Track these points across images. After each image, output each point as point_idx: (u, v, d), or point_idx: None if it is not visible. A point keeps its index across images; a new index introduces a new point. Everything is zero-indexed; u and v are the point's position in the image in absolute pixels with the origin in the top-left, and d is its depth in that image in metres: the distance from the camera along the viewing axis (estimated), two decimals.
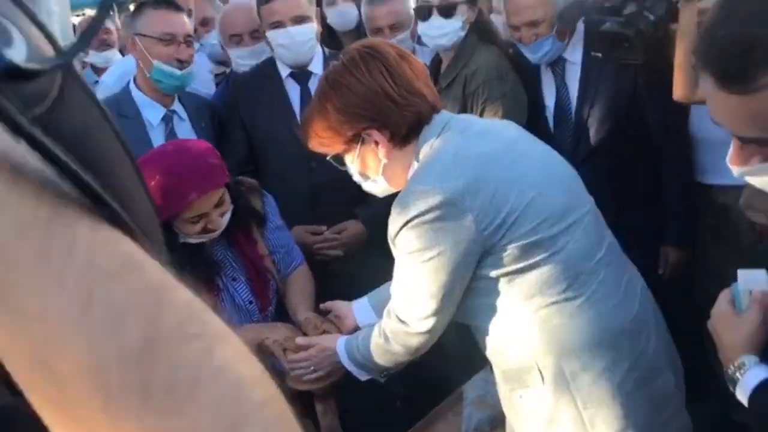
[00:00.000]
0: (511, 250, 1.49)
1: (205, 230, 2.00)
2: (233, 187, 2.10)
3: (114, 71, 3.54)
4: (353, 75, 1.58)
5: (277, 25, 2.53)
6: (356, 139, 1.62)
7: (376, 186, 1.71)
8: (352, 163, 1.68)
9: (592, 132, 2.45)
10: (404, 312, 1.61)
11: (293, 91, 2.64)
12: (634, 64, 2.27)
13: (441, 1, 2.51)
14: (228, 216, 2.05)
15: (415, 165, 1.61)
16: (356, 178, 1.73)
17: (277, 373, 2.05)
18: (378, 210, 1.99)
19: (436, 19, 2.51)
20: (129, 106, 2.49)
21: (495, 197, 1.48)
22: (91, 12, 12.43)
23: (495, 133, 1.61)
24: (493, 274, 1.53)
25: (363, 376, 1.83)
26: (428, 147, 1.58)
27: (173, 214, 1.94)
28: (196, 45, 3.03)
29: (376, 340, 1.70)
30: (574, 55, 2.46)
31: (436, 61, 2.64)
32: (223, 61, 3.16)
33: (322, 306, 2.16)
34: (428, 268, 1.51)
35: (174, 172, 1.92)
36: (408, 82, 1.58)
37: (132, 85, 2.54)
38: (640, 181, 2.48)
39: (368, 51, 1.60)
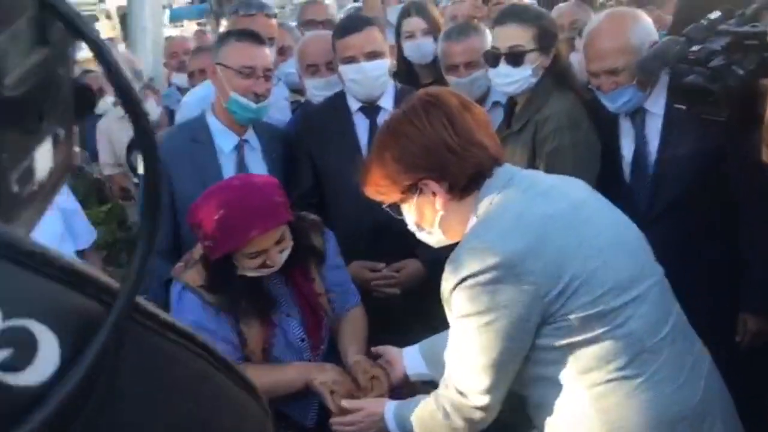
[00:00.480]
0: (571, 320, 1.41)
1: (263, 266, 1.99)
2: (295, 223, 2.08)
3: (197, 93, 3.61)
4: (413, 124, 1.53)
5: (351, 60, 2.52)
6: (413, 189, 1.56)
7: (432, 237, 1.64)
8: (409, 213, 1.63)
9: (670, 187, 2.32)
10: (462, 383, 1.53)
11: (361, 125, 2.62)
12: (719, 121, 2.14)
13: (509, 49, 2.43)
14: (287, 253, 2.03)
15: (474, 220, 1.54)
16: (411, 227, 1.67)
17: (326, 413, 2.01)
18: (440, 252, 1.93)
19: (503, 67, 2.44)
20: (203, 133, 2.53)
21: (557, 262, 1.40)
22: (190, 24, 12.90)
23: (561, 193, 1.53)
24: (551, 344, 1.44)
25: None
26: (488, 202, 1.51)
27: (234, 249, 1.94)
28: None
29: (434, 413, 1.60)
30: (656, 105, 2.34)
31: (511, 103, 2.57)
32: (298, 90, 3.17)
33: (373, 350, 2.11)
34: (484, 333, 1.44)
35: (238, 207, 1.92)
36: (469, 132, 1.52)
37: (209, 112, 2.57)
38: (719, 242, 2.34)
39: (430, 99, 1.55)
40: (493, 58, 2.47)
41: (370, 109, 2.60)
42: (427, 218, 1.60)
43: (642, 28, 2.25)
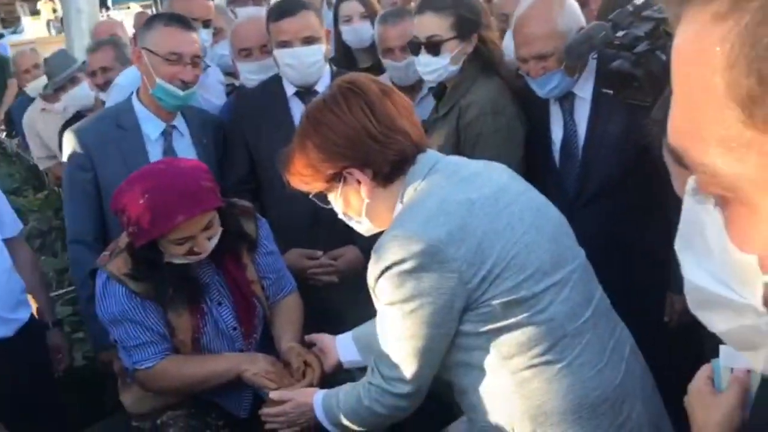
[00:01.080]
0: (494, 306, 1.41)
1: (190, 252, 1.95)
2: (226, 210, 2.04)
3: (129, 74, 3.49)
4: (333, 112, 1.51)
5: (285, 44, 2.47)
6: (337, 177, 1.55)
7: (361, 226, 1.63)
8: (336, 202, 1.61)
9: (598, 172, 2.34)
10: (387, 371, 1.53)
11: (297, 110, 2.56)
12: (645, 105, 2.17)
13: (427, 39, 2.41)
14: (216, 240, 1.99)
15: (399, 206, 1.53)
16: (341, 216, 1.65)
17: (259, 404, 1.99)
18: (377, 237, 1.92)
19: (423, 56, 2.43)
20: (129, 118, 2.46)
21: (479, 249, 1.40)
22: (136, 6, 12.56)
23: (484, 179, 1.52)
24: (474, 330, 1.44)
25: None
26: (413, 188, 1.50)
27: (159, 235, 1.89)
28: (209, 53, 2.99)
29: (360, 401, 1.61)
30: (585, 90, 2.35)
31: (441, 88, 2.56)
32: (232, 73, 3.11)
33: (306, 338, 2.09)
34: (410, 320, 1.43)
35: (163, 192, 1.87)
36: (390, 119, 1.51)
37: (134, 97, 2.50)
38: (647, 225, 2.37)
39: (349, 87, 1.53)
40: (414, 48, 2.46)
41: (306, 94, 2.55)
42: (353, 207, 1.58)
43: (569, 13, 2.26)
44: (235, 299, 2.12)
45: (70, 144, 2.47)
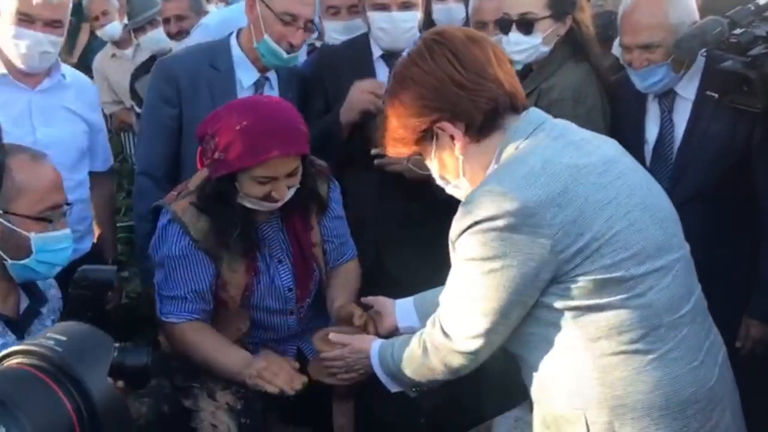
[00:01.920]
0: (586, 282, 1.28)
1: (267, 197, 1.86)
2: (308, 168, 1.96)
3: (216, 15, 3.39)
4: (418, 65, 1.41)
5: (383, 7, 2.37)
6: (429, 135, 1.43)
7: (459, 190, 1.49)
8: (431, 164, 1.49)
9: (691, 177, 2.18)
10: (452, 325, 1.41)
11: (382, 73, 2.47)
12: (752, 112, 2.01)
13: (519, 16, 2.28)
14: (293, 191, 1.90)
15: (494, 167, 1.40)
16: (438, 182, 1.53)
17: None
18: None
19: (514, 35, 2.29)
20: (224, 60, 2.38)
21: (580, 218, 1.27)
22: None
23: (594, 147, 1.39)
24: (559, 305, 1.31)
25: (393, 388, 1.64)
26: (514, 147, 1.37)
27: (248, 165, 1.80)
28: None
29: (414, 351, 1.51)
30: (688, 90, 2.20)
31: (526, 69, 2.42)
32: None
33: (363, 299, 1.98)
34: (488, 281, 1.31)
35: (263, 122, 1.79)
36: (479, 65, 1.38)
37: (233, 40, 2.41)
38: (736, 243, 2.21)
39: (434, 38, 1.42)
40: (504, 25, 2.33)
41: (392, 58, 2.44)
42: (449, 168, 1.46)
43: (683, 6, 2.12)
44: (296, 259, 2.04)
45: (158, 74, 2.40)
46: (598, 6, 3.27)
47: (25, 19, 2.25)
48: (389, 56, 2.45)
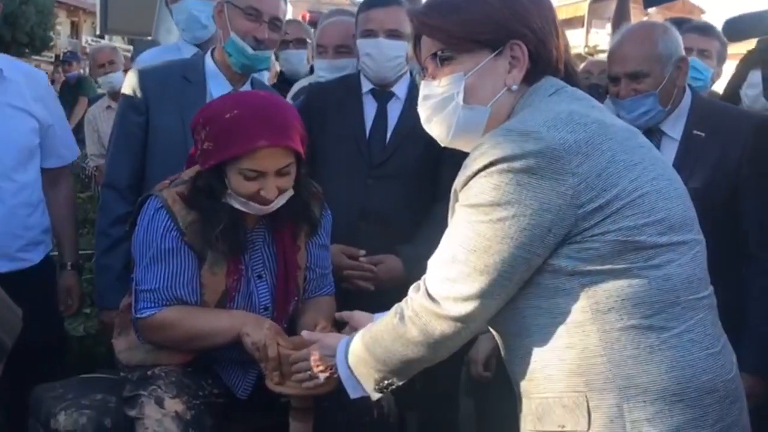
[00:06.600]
0: (602, 244, 1.09)
1: (256, 196, 1.68)
2: (302, 181, 1.79)
3: (152, 52, 3.26)
4: None
5: (370, 33, 2.29)
6: (493, 46, 1.22)
7: (475, 117, 1.24)
8: (454, 76, 1.23)
9: None
10: (440, 285, 1.16)
11: (370, 107, 2.35)
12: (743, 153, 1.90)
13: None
14: (284, 199, 1.73)
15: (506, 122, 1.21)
16: (456, 100, 1.24)
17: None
18: (421, 251, 1.52)
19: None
20: (196, 72, 2.26)
21: (606, 172, 1.09)
22: None
23: (616, 118, 1.26)
24: (568, 268, 1.10)
25: (355, 392, 1.34)
26: (537, 100, 1.21)
27: (234, 154, 1.64)
28: None
29: (389, 321, 1.24)
30: (674, 129, 2.09)
31: None
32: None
33: (337, 315, 1.74)
34: (494, 230, 1.10)
35: (253, 111, 1.66)
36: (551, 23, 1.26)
37: (208, 54, 2.31)
38: (722, 288, 2.04)
39: None
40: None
41: (381, 93, 2.35)
42: (482, 92, 1.23)
43: (672, 39, 2.04)
44: (278, 280, 1.83)
45: (130, 84, 2.26)
46: (584, 78, 3.25)
47: None
48: (378, 92, 2.35)
